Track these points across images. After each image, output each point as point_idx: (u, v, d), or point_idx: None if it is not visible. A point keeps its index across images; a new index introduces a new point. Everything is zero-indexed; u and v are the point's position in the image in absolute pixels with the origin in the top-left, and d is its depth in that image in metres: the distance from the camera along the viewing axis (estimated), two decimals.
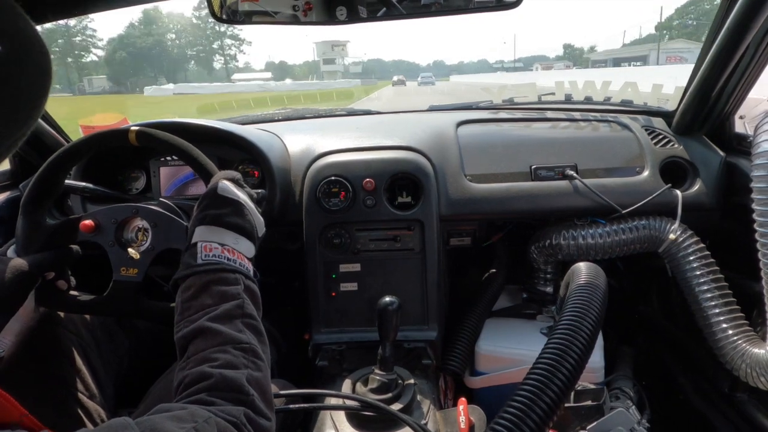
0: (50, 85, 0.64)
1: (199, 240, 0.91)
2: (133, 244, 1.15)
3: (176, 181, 1.59)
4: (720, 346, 1.40)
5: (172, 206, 1.20)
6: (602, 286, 1.20)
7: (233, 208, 0.96)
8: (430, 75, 42.13)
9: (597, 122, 1.81)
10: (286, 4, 1.21)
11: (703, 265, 1.48)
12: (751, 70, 1.45)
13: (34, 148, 1.63)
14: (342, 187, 1.48)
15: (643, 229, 1.54)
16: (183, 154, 1.08)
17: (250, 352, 0.80)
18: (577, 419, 1.32)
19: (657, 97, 2.01)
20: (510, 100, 2.25)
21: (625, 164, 1.63)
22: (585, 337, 1.05)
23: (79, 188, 1.43)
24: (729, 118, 1.63)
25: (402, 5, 1.24)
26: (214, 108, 13.42)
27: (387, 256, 1.52)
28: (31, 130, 0.65)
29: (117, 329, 1.41)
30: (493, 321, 1.74)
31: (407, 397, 1.17)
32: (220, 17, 1.25)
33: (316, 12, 1.22)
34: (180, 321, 0.83)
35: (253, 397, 0.73)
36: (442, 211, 1.52)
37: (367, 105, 12.95)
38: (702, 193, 1.56)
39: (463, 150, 1.63)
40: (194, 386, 0.72)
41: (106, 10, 1.28)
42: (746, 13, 1.26)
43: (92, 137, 1.13)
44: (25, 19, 0.60)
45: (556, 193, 1.56)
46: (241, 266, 0.91)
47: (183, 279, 0.88)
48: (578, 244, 1.57)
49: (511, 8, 1.23)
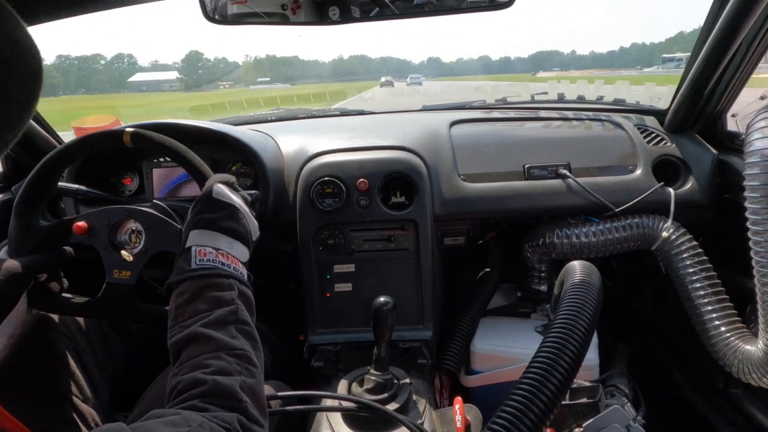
0: (41, 86, 0.63)
1: (194, 244, 0.90)
2: (127, 246, 1.14)
3: (169, 182, 1.58)
4: (713, 343, 1.41)
5: (165, 208, 1.20)
6: (597, 284, 1.21)
7: (228, 212, 0.96)
8: (419, 76, 42.31)
9: (590, 121, 1.82)
10: (275, 4, 1.21)
11: (696, 263, 1.48)
12: (743, 68, 1.46)
13: (26, 150, 1.62)
14: (336, 187, 1.48)
15: (637, 227, 1.54)
16: (178, 157, 1.08)
17: (244, 358, 0.79)
18: (573, 416, 1.32)
19: (649, 96, 2.02)
20: (503, 100, 2.26)
21: (618, 163, 1.63)
22: (581, 335, 1.06)
23: (72, 190, 1.43)
24: (721, 116, 1.64)
25: (395, 5, 1.24)
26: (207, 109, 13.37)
27: (381, 257, 1.52)
28: (23, 132, 0.64)
29: (111, 332, 1.40)
30: (487, 320, 1.74)
31: (403, 397, 1.17)
32: (213, 18, 1.24)
33: (307, 12, 1.22)
34: (173, 326, 0.83)
35: (246, 404, 0.73)
36: (436, 211, 1.52)
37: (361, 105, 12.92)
38: (694, 190, 1.57)
39: (456, 150, 1.63)
40: (187, 392, 0.71)
41: (99, 10, 1.27)
42: (738, 12, 1.27)
43: (86, 139, 1.12)
44: (16, 19, 0.60)
45: (550, 192, 1.56)
46: (236, 271, 0.91)
47: (177, 284, 0.88)
48: (572, 243, 1.57)
49: (504, 8, 1.23)
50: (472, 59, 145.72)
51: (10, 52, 0.59)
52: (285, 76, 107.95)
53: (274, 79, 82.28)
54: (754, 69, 1.47)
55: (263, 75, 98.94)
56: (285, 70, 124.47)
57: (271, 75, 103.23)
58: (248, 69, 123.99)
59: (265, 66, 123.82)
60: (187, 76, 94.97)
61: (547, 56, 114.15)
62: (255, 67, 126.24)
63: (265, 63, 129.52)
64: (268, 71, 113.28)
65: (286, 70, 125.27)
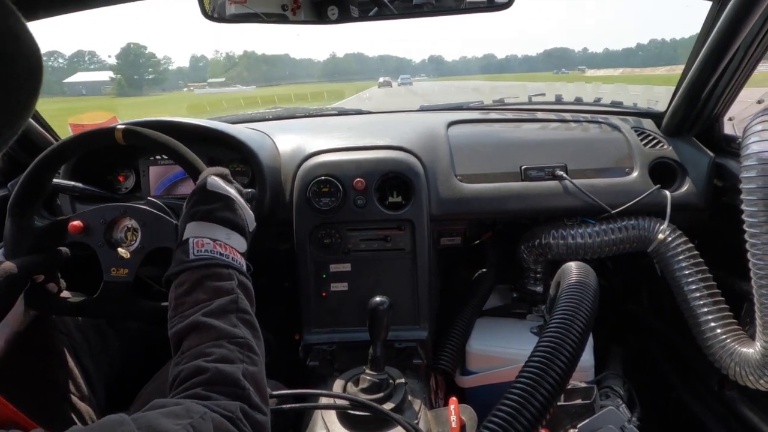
0: (41, 83, 0.63)
1: (191, 236, 0.90)
2: (123, 244, 1.14)
3: (165, 180, 1.58)
4: (709, 345, 1.41)
5: (160, 205, 1.20)
6: (593, 285, 1.21)
7: (223, 203, 0.96)
8: (408, 76, 42.81)
9: (587, 123, 1.82)
10: (275, 5, 1.21)
11: (691, 265, 1.49)
12: (741, 72, 1.46)
13: (23, 147, 1.62)
14: (332, 186, 1.48)
15: (633, 229, 1.55)
16: (170, 152, 1.08)
17: (245, 346, 0.79)
18: (568, 418, 1.32)
19: (647, 98, 2.02)
20: (500, 101, 2.26)
21: (615, 165, 1.64)
22: (577, 336, 1.06)
23: (68, 188, 1.42)
24: (718, 119, 1.65)
25: (394, 5, 1.25)
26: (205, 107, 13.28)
27: (377, 256, 1.52)
28: (22, 129, 0.64)
29: (109, 330, 1.40)
30: (483, 320, 1.74)
31: (398, 397, 1.17)
32: (212, 16, 1.24)
33: (306, 11, 1.22)
34: (174, 317, 0.83)
35: (248, 392, 0.73)
36: (433, 211, 1.52)
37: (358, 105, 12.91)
38: (691, 193, 1.57)
39: (453, 150, 1.63)
40: (189, 381, 0.72)
41: (98, 6, 1.27)
42: (736, 17, 1.28)
43: (79, 136, 1.12)
44: (16, 15, 0.59)
45: (546, 193, 1.57)
46: (234, 261, 0.91)
47: (176, 275, 0.88)
48: (568, 244, 1.58)
49: (503, 9, 1.23)
50: (476, 57, 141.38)
51: (11, 48, 0.58)
52: (266, 76, 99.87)
53: (253, 81, 74.98)
54: (751, 73, 1.48)
55: (240, 75, 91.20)
56: (267, 69, 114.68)
57: (249, 75, 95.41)
58: (216, 67, 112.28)
59: (242, 64, 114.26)
60: (123, 75, 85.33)
61: (561, 53, 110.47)
62: (225, 64, 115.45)
63: (244, 61, 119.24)
64: (245, 71, 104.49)
65: (269, 70, 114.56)
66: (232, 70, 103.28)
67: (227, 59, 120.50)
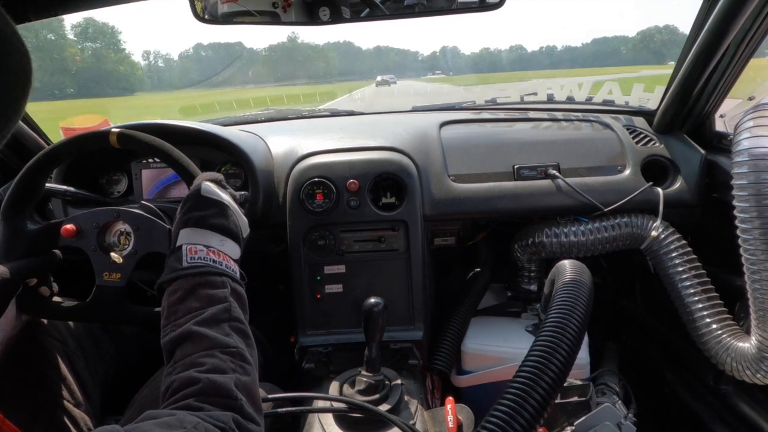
0: (30, 86, 0.63)
1: (184, 243, 0.89)
2: (116, 248, 1.14)
3: (158, 183, 1.57)
4: (704, 341, 1.42)
5: (154, 209, 1.19)
6: (588, 283, 1.21)
7: (217, 209, 0.95)
8: (393, 76, 42.97)
9: (579, 122, 1.83)
10: (266, 2, 1.21)
11: (685, 261, 1.49)
12: (731, 69, 1.47)
13: (13, 151, 1.61)
14: (326, 188, 1.48)
15: (626, 227, 1.55)
16: (164, 156, 1.07)
17: (238, 356, 0.79)
18: (564, 415, 1.33)
19: (638, 97, 2.03)
20: (493, 101, 2.26)
21: (607, 163, 1.64)
22: (573, 334, 1.06)
23: (60, 192, 1.42)
24: (709, 116, 1.66)
25: (385, 6, 1.25)
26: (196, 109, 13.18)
27: (372, 257, 1.51)
28: (11, 132, 0.64)
29: (102, 336, 1.39)
30: (478, 320, 1.74)
31: (395, 398, 1.16)
32: (203, 18, 1.24)
33: (298, 12, 1.21)
34: (166, 325, 0.82)
35: (241, 402, 0.72)
36: (426, 212, 1.52)
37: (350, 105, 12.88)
38: (683, 190, 1.58)
39: (446, 150, 1.63)
40: (182, 391, 0.71)
41: (88, 9, 1.26)
42: (727, 14, 1.28)
43: (72, 140, 1.11)
44: (5, 18, 0.59)
45: (539, 192, 1.57)
46: (228, 268, 0.90)
47: (169, 282, 0.87)
48: (561, 242, 1.58)
49: (494, 9, 1.23)
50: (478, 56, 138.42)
51: (1, 49, 0.58)
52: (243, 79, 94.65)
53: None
54: (742, 70, 1.49)
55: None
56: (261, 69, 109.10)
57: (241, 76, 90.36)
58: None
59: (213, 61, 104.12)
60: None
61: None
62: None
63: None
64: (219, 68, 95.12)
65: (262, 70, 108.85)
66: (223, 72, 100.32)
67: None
